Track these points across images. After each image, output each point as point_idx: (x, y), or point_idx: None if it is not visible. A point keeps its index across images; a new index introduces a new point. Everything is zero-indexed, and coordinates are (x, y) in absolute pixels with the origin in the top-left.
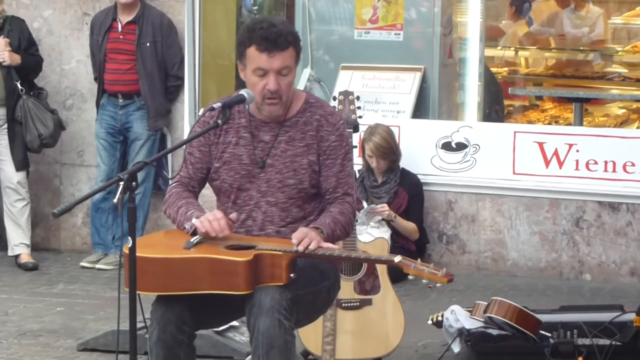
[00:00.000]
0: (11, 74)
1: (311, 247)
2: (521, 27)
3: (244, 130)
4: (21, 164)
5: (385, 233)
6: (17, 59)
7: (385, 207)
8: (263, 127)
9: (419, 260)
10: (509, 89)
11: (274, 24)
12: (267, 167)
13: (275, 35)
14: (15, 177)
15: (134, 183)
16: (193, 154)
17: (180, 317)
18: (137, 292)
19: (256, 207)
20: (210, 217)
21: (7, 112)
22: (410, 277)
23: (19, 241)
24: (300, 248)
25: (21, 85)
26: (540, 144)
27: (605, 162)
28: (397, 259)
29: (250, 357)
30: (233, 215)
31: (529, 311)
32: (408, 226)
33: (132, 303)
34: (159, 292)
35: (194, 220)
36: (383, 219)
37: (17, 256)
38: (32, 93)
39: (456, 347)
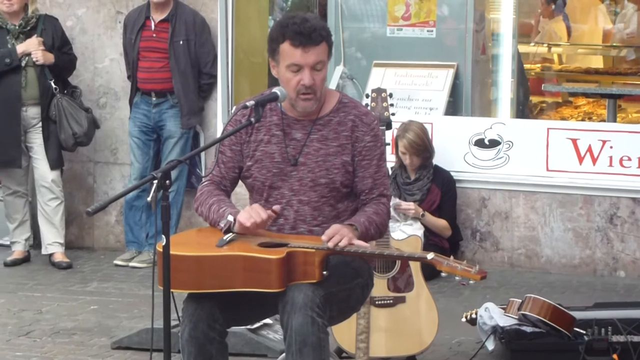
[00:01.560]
0: (45, 73)
1: (341, 244)
2: (557, 24)
3: (276, 128)
4: (55, 163)
5: (418, 230)
6: (50, 58)
7: (411, 205)
8: (295, 124)
9: (452, 257)
10: (542, 85)
11: (307, 19)
12: (300, 165)
13: (310, 30)
14: (49, 176)
15: (167, 181)
16: (225, 153)
17: (211, 314)
18: (171, 290)
19: (288, 205)
20: (248, 209)
21: (41, 111)
22: (443, 274)
23: (52, 240)
24: (330, 244)
25: (55, 84)
26: (574, 141)
27: (639, 159)
28: (430, 256)
29: (284, 355)
30: (276, 207)
31: (563, 308)
32: (438, 223)
33: (166, 301)
34: (192, 290)
35: (229, 217)
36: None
37: (50, 255)
38: (65, 92)
39: (490, 345)
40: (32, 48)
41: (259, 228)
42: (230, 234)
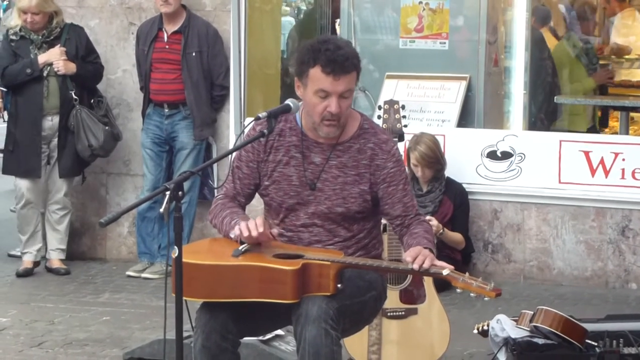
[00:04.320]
0: (66, 83)
1: (425, 265)
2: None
3: (295, 150)
4: (66, 172)
5: None
6: (72, 67)
7: (434, 222)
8: (314, 147)
9: (467, 273)
10: (555, 97)
11: (339, 46)
12: (317, 191)
13: (343, 59)
14: (62, 188)
15: (180, 192)
16: (241, 169)
17: (224, 324)
18: (184, 298)
19: (303, 227)
20: (248, 222)
21: (59, 120)
22: (458, 290)
23: (55, 246)
24: (415, 266)
25: (79, 94)
26: (586, 153)
27: None
28: (446, 271)
29: None
30: (274, 231)
31: (575, 320)
32: (455, 238)
33: (179, 312)
34: (206, 298)
35: (235, 229)
36: None
37: (47, 261)
38: (92, 101)
39: (502, 357)
40: (54, 58)
41: (256, 241)
42: (245, 244)
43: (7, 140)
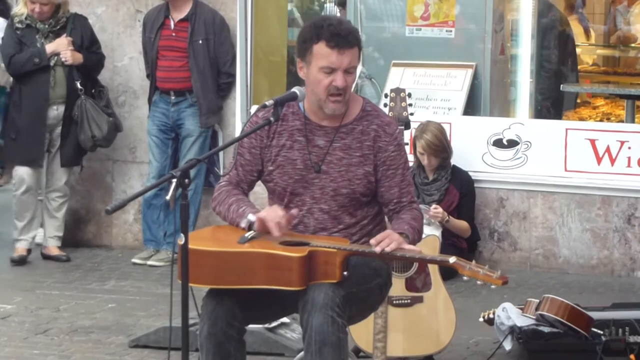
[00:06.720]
0: (72, 73)
1: (388, 248)
2: (573, 23)
3: (299, 134)
4: (68, 161)
5: (436, 230)
6: (79, 58)
7: (439, 210)
8: (318, 131)
9: (473, 261)
10: (561, 85)
11: (341, 21)
12: (322, 173)
13: (346, 32)
14: (63, 177)
15: (186, 180)
16: (244, 156)
17: (231, 312)
18: (190, 284)
19: (309, 213)
20: (268, 209)
21: (64, 109)
22: (465, 278)
23: (53, 233)
24: (378, 249)
25: (83, 83)
26: (592, 141)
27: None
28: (452, 259)
29: (302, 353)
30: (294, 211)
31: (580, 309)
32: (461, 225)
33: (184, 300)
34: (212, 285)
35: (250, 217)
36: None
37: (45, 247)
38: (93, 90)
39: (507, 345)
40: (62, 48)
41: (279, 229)
42: (252, 231)
43: (10, 128)
